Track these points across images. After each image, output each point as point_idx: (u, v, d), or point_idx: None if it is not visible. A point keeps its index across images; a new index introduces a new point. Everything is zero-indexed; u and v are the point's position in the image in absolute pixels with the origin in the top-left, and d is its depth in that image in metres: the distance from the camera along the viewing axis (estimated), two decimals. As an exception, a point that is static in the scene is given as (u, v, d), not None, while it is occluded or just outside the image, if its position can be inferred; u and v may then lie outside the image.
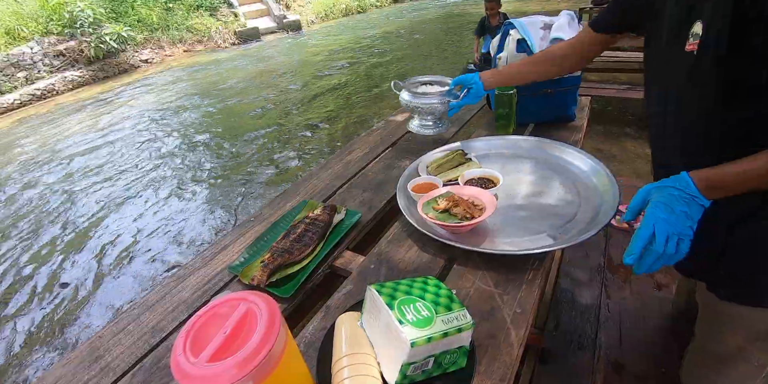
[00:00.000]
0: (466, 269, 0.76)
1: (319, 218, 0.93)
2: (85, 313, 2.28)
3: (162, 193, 3.45)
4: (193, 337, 0.42)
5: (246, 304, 0.44)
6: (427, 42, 7.92)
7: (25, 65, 7.93)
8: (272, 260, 0.83)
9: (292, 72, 6.92)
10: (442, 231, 0.85)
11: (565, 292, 1.20)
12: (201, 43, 10.14)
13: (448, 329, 0.50)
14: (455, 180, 1.02)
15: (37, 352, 2.08)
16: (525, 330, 0.62)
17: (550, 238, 0.79)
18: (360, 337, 0.55)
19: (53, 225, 3.21)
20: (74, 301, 2.38)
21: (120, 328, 0.81)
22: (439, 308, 0.53)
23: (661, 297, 1.14)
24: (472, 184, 0.94)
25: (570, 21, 1.29)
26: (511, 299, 0.68)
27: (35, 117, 6.67)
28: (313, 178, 1.23)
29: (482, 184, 0.94)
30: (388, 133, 1.49)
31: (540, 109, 1.36)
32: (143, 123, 5.36)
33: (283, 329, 0.44)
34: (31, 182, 4.07)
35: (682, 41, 0.60)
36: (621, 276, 1.23)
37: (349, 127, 4.28)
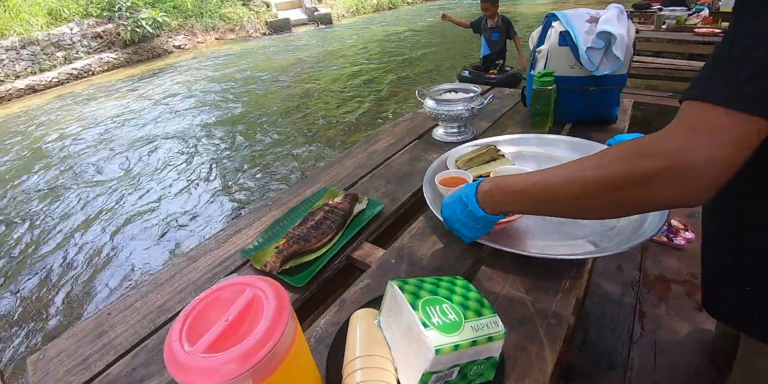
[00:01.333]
0: (495, 272, 0.70)
1: (339, 206, 0.88)
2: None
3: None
4: (192, 322, 0.37)
5: (253, 290, 0.39)
6: (456, 40, 7.78)
7: (65, 45, 8.18)
8: (287, 247, 0.78)
9: (320, 64, 6.91)
10: None
11: (595, 306, 1.12)
12: (233, 32, 10.26)
13: (478, 337, 0.44)
14: (486, 175, 0.95)
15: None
16: (560, 344, 0.56)
17: (590, 244, 0.72)
18: (376, 338, 0.50)
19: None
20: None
21: (127, 305, 0.78)
22: (468, 313, 0.46)
23: (702, 318, 1.04)
24: None
25: (619, 15, 1.20)
26: (546, 308, 0.61)
27: (71, 95, 6.86)
28: (335, 166, 1.18)
29: None
30: (416, 125, 1.43)
31: (580, 107, 1.27)
32: (176, 103, 5.44)
33: (292, 322, 0.38)
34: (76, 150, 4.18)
35: None
36: (657, 292, 1.14)
37: (368, 120, 4.22)
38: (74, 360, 0.70)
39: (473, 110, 1.21)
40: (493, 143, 1.11)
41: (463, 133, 1.28)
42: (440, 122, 1.27)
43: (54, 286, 2.37)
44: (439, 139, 1.29)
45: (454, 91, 1.30)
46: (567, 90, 1.24)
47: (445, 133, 1.29)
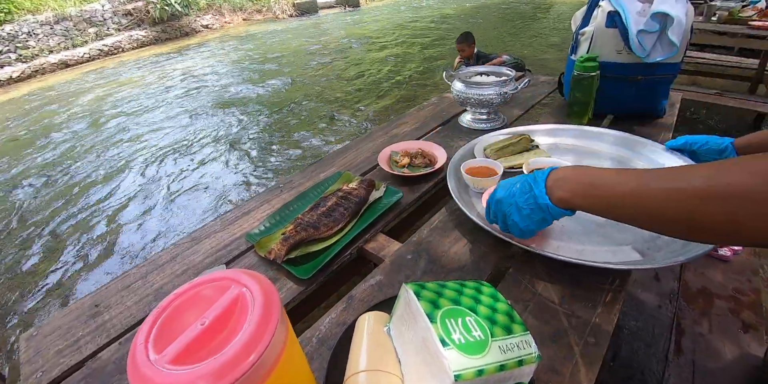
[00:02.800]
0: (525, 277, 0.61)
1: (354, 193, 0.81)
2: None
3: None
4: (163, 323, 0.31)
5: (238, 288, 0.32)
6: (484, 26, 7.50)
7: (96, 21, 8.28)
8: (294, 233, 0.72)
9: (343, 49, 6.78)
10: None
11: (628, 318, 1.02)
12: (260, 13, 10.20)
13: (507, 360, 0.36)
14: (518, 167, 0.86)
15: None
16: (598, 367, 0.47)
17: (636, 252, 0.62)
18: (385, 349, 0.43)
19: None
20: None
21: (125, 285, 0.74)
22: (496, 329, 0.39)
23: (749, 340, 0.93)
24: None
25: (680, -8, 1.06)
26: (583, 324, 0.53)
27: (102, 70, 6.96)
28: (352, 149, 1.10)
29: None
30: (442, 110, 1.33)
31: (625, 98, 1.15)
32: (196, 84, 5.44)
33: (282, 328, 0.31)
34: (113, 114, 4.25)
35: None
36: (698, 307, 1.03)
37: (393, 106, 4.11)
38: (66, 341, 0.66)
39: (505, 95, 1.11)
40: (526, 132, 1.02)
41: (493, 121, 1.18)
42: (468, 107, 1.18)
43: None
44: (467, 126, 1.20)
45: (485, 74, 1.20)
46: (611, 78, 1.12)
47: (473, 119, 1.20)
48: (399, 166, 0.92)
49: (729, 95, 3.10)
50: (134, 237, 2.52)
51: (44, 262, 2.39)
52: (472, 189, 0.82)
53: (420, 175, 0.88)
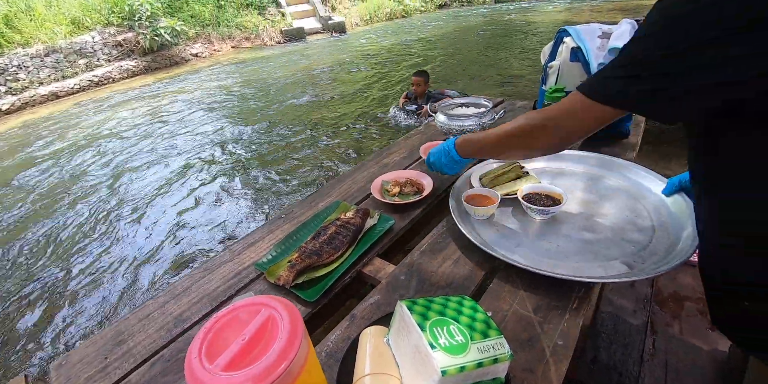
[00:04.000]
0: (505, 289, 0.71)
1: (351, 221, 0.90)
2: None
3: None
4: (211, 341, 0.40)
5: (268, 310, 0.41)
6: (467, 50, 7.81)
7: (86, 53, 8.43)
8: (300, 261, 0.80)
9: (331, 73, 7.00)
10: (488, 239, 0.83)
11: (606, 322, 1.11)
12: (248, 40, 10.46)
13: (484, 359, 0.45)
14: (513, 194, 0.95)
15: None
16: (566, 365, 0.56)
17: (624, 265, 0.72)
18: (385, 356, 0.51)
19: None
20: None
21: (145, 314, 0.81)
22: (475, 334, 0.48)
23: (716, 338, 1.03)
24: (530, 200, 0.89)
25: (631, 30, 1.20)
26: (553, 329, 0.62)
27: (92, 101, 7.06)
28: (347, 179, 1.20)
29: (542, 202, 0.88)
30: (428, 138, 1.44)
31: (592, 122, 1.27)
32: (189, 111, 5.56)
33: (305, 342, 0.40)
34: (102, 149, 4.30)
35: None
36: (670, 310, 1.12)
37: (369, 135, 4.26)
38: (95, 367, 0.72)
39: (484, 125, 1.22)
40: (516, 161, 1.12)
41: (474, 147, 1.29)
42: (451, 136, 1.29)
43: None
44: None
45: (465, 106, 1.32)
46: (578, 104, 1.24)
47: (456, 146, 1.31)
48: (390, 195, 1.02)
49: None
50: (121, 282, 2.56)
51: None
52: (473, 216, 0.90)
53: (409, 202, 0.98)
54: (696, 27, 0.41)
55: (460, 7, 14.89)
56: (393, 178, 1.08)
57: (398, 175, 1.10)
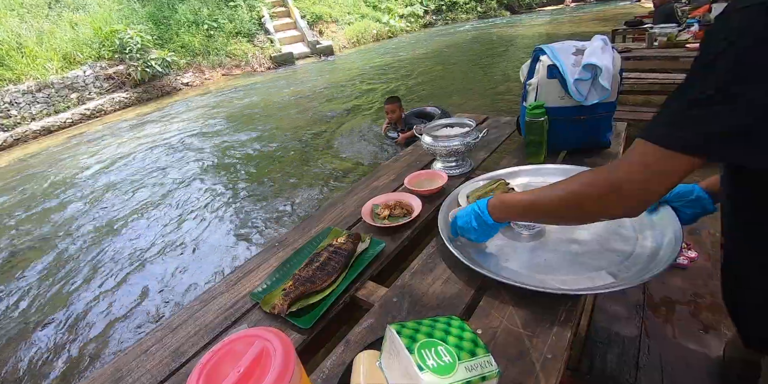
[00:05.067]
0: (493, 307, 0.73)
1: (343, 247, 0.92)
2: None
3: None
4: (207, 375, 0.41)
5: (261, 342, 0.43)
6: (453, 68, 8.00)
7: (78, 87, 8.55)
8: (294, 289, 0.82)
9: (320, 97, 7.13)
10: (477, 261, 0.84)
11: (600, 331, 1.12)
12: (238, 68, 10.65)
13: (471, 377, 0.47)
14: None
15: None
16: (557, 378, 0.58)
17: (610, 275, 0.74)
18: (378, 380, 0.53)
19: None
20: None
21: (143, 350, 0.82)
22: (462, 353, 0.50)
23: (708, 340, 1.04)
24: None
25: (603, 46, 1.26)
26: (542, 343, 0.64)
27: (85, 134, 7.11)
28: (338, 205, 1.23)
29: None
30: (416, 160, 1.48)
31: (573, 135, 1.32)
32: (179, 142, 5.62)
33: (297, 370, 0.42)
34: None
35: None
36: (662, 315, 1.14)
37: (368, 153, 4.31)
38: (95, 407, 0.73)
39: (469, 144, 1.26)
40: (501, 176, 1.15)
41: (461, 167, 1.33)
42: (438, 157, 1.33)
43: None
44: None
45: (450, 126, 1.36)
46: (559, 120, 1.29)
47: (444, 166, 1.35)
48: (380, 218, 1.04)
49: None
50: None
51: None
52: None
53: (399, 225, 1.01)
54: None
55: (445, 25, 15.33)
56: (383, 202, 1.11)
57: (387, 197, 1.13)
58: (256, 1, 12.15)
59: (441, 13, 15.80)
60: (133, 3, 10.54)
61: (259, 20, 11.79)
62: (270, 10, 12.28)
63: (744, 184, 0.57)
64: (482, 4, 16.56)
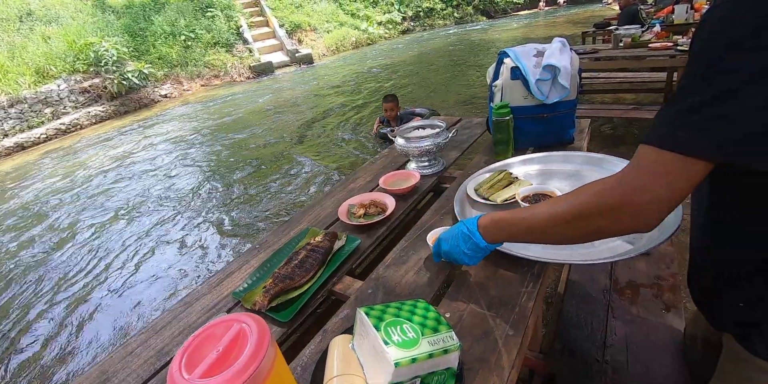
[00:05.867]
0: (461, 293, 0.78)
1: (320, 245, 0.96)
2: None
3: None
4: (189, 356, 0.45)
5: (239, 325, 0.47)
6: (431, 72, 8.14)
7: (52, 101, 8.39)
8: (273, 286, 0.86)
9: (300, 104, 7.16)
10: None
11: (571, 316, 1.19)
12: (217, 78, 10.62)
13: (434, 350, 0.52)
14: (512, 198, 1.03)
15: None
16: (517, 352, 0.63)
17: (628, 244, 0.79)
18: (351, 359, 0.57)
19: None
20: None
21: (128, 352, 0.84)
22: (426, 330, 0.54)
23: (669, 318, 1.12)
24: (529, 201, 0.96)
25: (561, 48, 1.34)
26: (504, 322, 0.69)
27: (60, 149, 6.98)
28: (316, 207, 1.27)
29: (539, 201, 0.93)
30: (392, 161, 1.54)
31: (538, 133, 1.39)
32: (160, 154, 5.57)
33: (272, 348, 0.46)
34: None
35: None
36: (628, 297, 1.22)
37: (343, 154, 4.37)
38: (82, 408, 0.75)
39: (439, 145, 1.32)
40: (502, 167, 1.21)
41: (434, 166, 1.39)
42: (411, 158, 1.38)
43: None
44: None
45: (421, 128, 1.42)
46: (523, 118, 1.36)
47: (417, 167, 1.40)
48: (356, 217, 1.09)
49: (645, 108, 3.53)
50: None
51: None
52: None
53: (374, 222, 1.05)
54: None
55: (423, 31, 15.58)
56: (358, 202, 1.15)
57: (363, 198, 1.17)
58: (234, 11, 12.17)
59: (419, 20, 16.07)
60: (108, 15, 10.44)
61: (237, 30, 11.79)
62: (248, 20, 12.31)
63: (722, 184, 0.57)
64: (459, 10, 16.92)
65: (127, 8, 10.88)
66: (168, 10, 11.07)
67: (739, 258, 0.59)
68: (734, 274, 0.60)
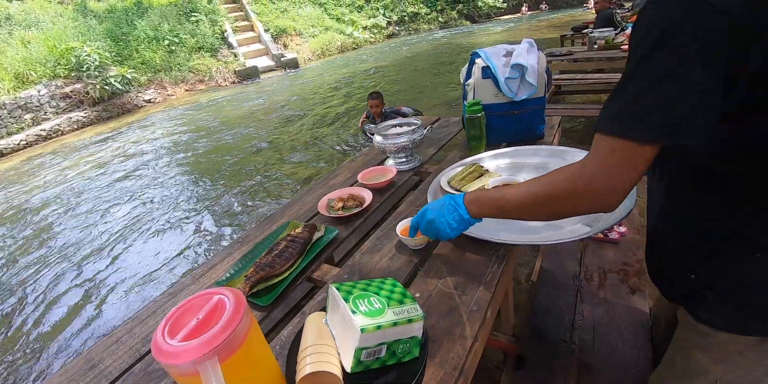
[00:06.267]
0: (431, 275, 0.83)
1: (300, 236, 1.01)
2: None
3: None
4: (172, 324, 0.49)
5: (218, 296, 0.51)
6: (415, 76, 8.25)
7: (32, 107, 8.24)
8: (255, 274, 0.90)
9: (285, 108, 7.18)
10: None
11: (542, 301, 1.25)
12: (202, 83, 10.56)
13: (398, 319, 0.56)
14: (482, 189, 1.07)
15: None
16: (480, 325, 0.68)
17: (586, 226, 0.85)
18: (324, 332, 0.61)
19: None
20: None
21: (114, 341, 0.87)
22: (392, 302, 0.59)
23: (634, 300, 1.19)
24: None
25: (529, 48, 1.41)
26: (469, 299, 0.74)
27: (39, 156, 6.87)
28: (298, 202, 1.31)
29: None
30: (371, 159, 1.59)
31: (509, 129, 1.46)
32: (143, 160, 5.53)
33: (247, 317, 0.50)
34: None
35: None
36: (596, 282, 1.29)
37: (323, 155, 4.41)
38: (69, 392, 0.77)
39: (415, 141, 1.38)
40: (474, 161, 1.27)
41: (411, 162, 1.45)
42: (389, 154, 1.44)
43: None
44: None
45: (399, 126, 1.48)
46: (495, 115, 1.43)
47: (395, 162, 1.46)
48: (335, 210, 1.14)
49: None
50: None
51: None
52: (409, 246, 0.95)
53: (352, 214, 1.10)
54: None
55: (408, 35, 15.75)
56: (337, 196, 1.20)
57: (342, 192, 1.22)
58: (218, 15, 12.14)
59: (404, 24, 16.25)
60: (90, 19, 10.32)
61: (222, 34, 11.77)
62: (233, 25, 12.29)
63: (666, 170, 0.64)
64: (443, 14, 17.16)
65: (109, 13, 10.78)
66: (151, 15, 10.99)
67: (683, 235, 0.67)
68: (680, 249, 0.68)
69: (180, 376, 0.47)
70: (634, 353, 1.01)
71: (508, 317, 1.18)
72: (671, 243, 0.70)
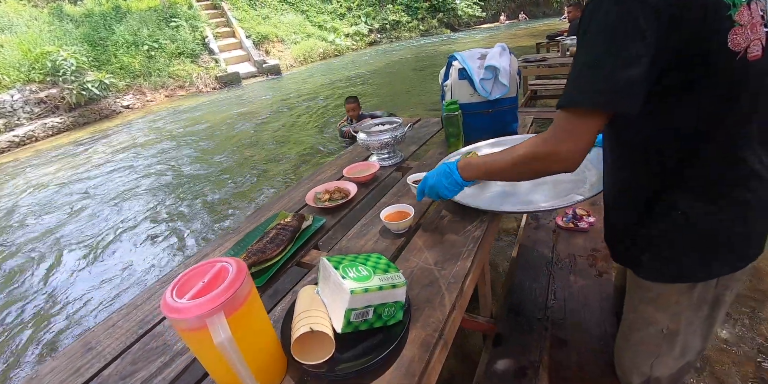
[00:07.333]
0: (413, 254, 0.90)
1: (289, 224, 1.06)
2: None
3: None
4: (179, 287, 0.55)
5: (221, 263, 0.57)
6: (397, 82, 8.40)
7: (5, 112, 8.02)
8: (247, 259, 0.95)
9: (266, 113, 7.21)
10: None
11: (518, 285, 1.34)
12: (182, 89, 10.47)
13: (383, 284, 0.63)
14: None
15: None
16: (457, 294, 0.75)
17: (579, 195, 0.96)
18: (316, 301, 0.67)
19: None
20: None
21: (110, 325, 0.91)
22: (378, 270, 0.66)
23: (601, 281, 1.29)
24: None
25: (501, 51, 1.51)
26: (448, 273, 0.81)
27: (11, 162, 6.68)
28: (286, 196, 1.37)
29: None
30: (356, 156, 1.66)
31: (484, 127, 1.55)
32: (118, 167, 5.46)
33: (248, 280, 0.56)
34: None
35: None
36: (566, 267, 1.39)
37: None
38: (67, 372, 0.81)
39: (397, 138, 1.46)
40: (471, 150, 1.35)
41: (393, 158, 1.52)
42: (372, 151, 1.51)
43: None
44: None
45: (381, 125, 1.56)
46: (471, 114, 1.52)
47: (379, 159, 1.53)
48: (322, 201, 1.20)
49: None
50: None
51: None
52: (393, 231, 1.01)
53: (338, 205, 1.17)
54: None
55: (390, 43, 15.98)
56: (323, 189, 1.26)
57: (328, 185, 1.29)
58: (199, 21, 12.08)
59: (385, 32, 16.49)
60: (66, 24, 10.14)
61: (203, 40, 11.71)
62: (214, 30, 12.25)
63: (613, 142, 0.76)
64: (424, 22, 17.50)
65: (87, 17, 10.62)
66: (130, 20, 10.87)
67: (625, 203, 0.79)
68: (620, 212, 0.81)
69: (187, 331, 0.52)
70: (601, 326, 1.10)
71: (486, 301, 1.26)
72: (613, 207, 0.83)
